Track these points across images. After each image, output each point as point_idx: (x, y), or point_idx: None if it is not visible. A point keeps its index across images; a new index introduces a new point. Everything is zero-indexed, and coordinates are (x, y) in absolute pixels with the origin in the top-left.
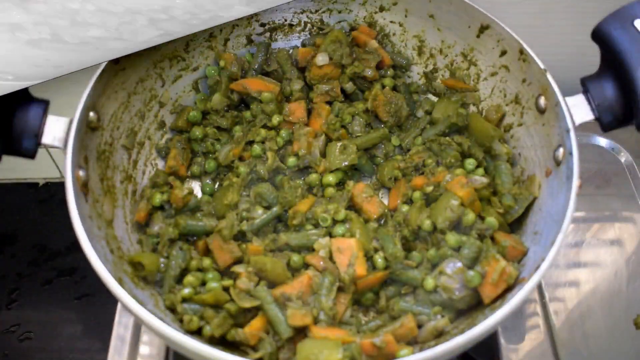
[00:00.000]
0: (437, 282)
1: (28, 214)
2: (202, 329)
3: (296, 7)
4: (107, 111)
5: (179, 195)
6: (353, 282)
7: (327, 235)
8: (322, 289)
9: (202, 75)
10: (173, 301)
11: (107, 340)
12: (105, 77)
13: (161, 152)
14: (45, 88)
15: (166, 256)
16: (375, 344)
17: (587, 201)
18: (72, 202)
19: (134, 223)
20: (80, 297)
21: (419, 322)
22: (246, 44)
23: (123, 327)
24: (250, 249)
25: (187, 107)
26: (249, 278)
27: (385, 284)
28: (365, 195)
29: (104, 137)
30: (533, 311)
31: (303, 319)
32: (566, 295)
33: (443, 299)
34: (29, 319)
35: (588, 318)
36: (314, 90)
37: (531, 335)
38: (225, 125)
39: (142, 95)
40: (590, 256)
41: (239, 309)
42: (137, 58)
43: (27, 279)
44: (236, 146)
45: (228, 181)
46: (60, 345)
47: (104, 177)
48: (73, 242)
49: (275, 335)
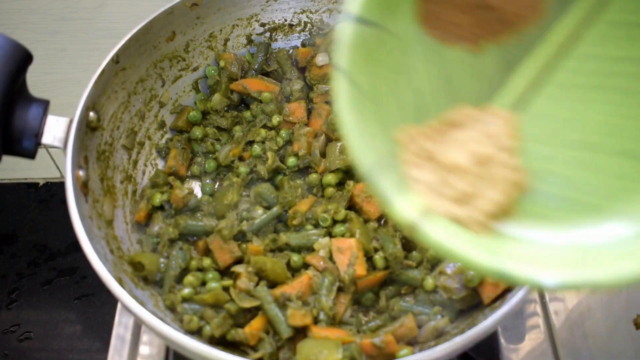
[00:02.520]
0: (437, 282)
1: (28, 214)
2: (202, 329)
3: (296, 7)
4: (107, 111)
5: (179, 195)
6: (353, 282)
7: (327, 235)
8: (322, 289)
9: (202, 75)
10: (173, 301)
11: (107, 340)
12: (105, 77)
13: (161, 152)
14: (45, 88)
15: (166, 256)
16: (375, 344)
17: None
18: (72, 202)
19: (134, 223)
20: (80, 297)
21: (419, 322)
22: (246, 44)
23: (123, 327)
24: (250, 249)
25: (187, 107)
26: (249, 278)
27: (385, 284)
28: (365, 195)
29: (104, 137)
30: (533, 311)
31: (303, 319)
32: (566, 295)
33: (443, 299)
34: (29, 319)
35: (588, 318)
36: (314, 90)
37: (531, 335)
38: (225, 125)
39: (142, 95)
40: None
41: (239, 309)
42: (137, 58)
43: (27, 279)
44: (236, 146)
45: (228, 181)
46: (60, 345)
47: (104, 177)
48: (73, 242)
49: (275, 335)
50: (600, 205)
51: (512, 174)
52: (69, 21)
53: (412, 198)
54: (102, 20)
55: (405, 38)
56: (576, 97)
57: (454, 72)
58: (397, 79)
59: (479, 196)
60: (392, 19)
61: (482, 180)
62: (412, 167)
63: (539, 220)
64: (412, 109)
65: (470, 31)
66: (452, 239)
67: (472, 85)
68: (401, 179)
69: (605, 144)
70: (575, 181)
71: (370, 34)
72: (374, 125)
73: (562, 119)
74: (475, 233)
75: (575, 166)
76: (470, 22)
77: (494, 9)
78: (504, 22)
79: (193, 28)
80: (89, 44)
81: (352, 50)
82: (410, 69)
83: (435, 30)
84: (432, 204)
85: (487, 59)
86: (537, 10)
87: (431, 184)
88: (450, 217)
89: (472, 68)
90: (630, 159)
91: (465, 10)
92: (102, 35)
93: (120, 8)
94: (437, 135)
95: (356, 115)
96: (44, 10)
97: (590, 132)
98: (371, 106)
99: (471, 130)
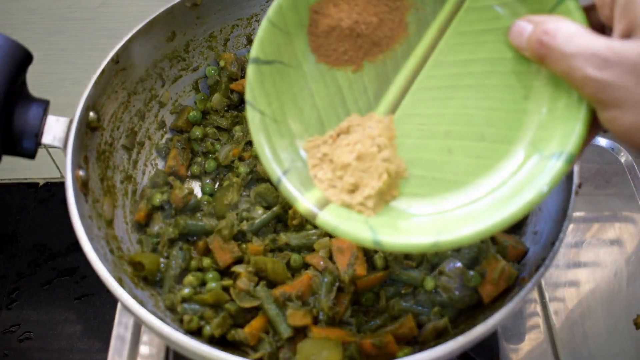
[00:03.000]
0: (437, 282)
1: (28, 214)
2: (202, 329)
3: None
4: (107, 111)
5: (179, 195)
6: (353, 282)
7: (327, 235)
8: (322, 289)
9: (202, 75)
10: (173, 301)
11: (107, 340)
12: (105, 77)
13: (161, 152)
14: (45, 88)
15: (166, 256)
16: (375, 344)
17: (587, 201)
18: (72, 202)
19: (134, 223)
20: (80, 297)
21: (419, 322)
22: (246, 44)
23: (123, 327)
24: (250, 249)
25: (187, 107)
26: (249, 278)
27: (385, 284)
28: None
29: (104, 137)
30: (533, 311)
31: (303, 319)
32: (566, 295)
33: (443, 299)
34: (29, 319)
35: (588, 318)
36: None
37: (531, 335)
38: (225, 125)
39: (142, 95)
40: (590, 256)
41: (239, 309)
42: (137, 58)
43: (27, 279)
44: (236, 146)
45: (228, 181)
46: (60, 345)
47: (104, 177)
48: (73, 242)
49: (275, 335)
50: (458, 180)
51: (384, 164)
52: (69, 21)
53: (314, 193)
54: (102, 20)
55: (303, 67)
56: (437, 96)
57: (345, 89)
58: (300, 101)
59: (364, 185)
60: (289, 54)
61: (365, 172)
62: (316, 169)
63: (415, 198)
64: (315, 123)
65: (352, 55)
66: (342, 221)
67: (360, 98)
68: (307, 179)
69: (462, 131)
70: (439, 163)
71: (271, 70)
72: (283, 141)
73: (427, 115)
74: (362, 214)
75: (439, 152)
76: (350, 48)
77: (365, 35)
78: (376, 45)
79: (193, 28)
80: (89, 44)
81: (255, 86)
82: (310, 91)
83: (326, 57)
84: (329, 196)
85: (369, 76)
86: (402, 32)
87: (329, 180)
88: (343, 204)
89: (358, 84)
90: (482, 141)
91: (344, 40)
92: (102, 35)
93: (120, 8)
94: (333, 141)
95: (265, 136)
96: (44, 10)
97: (450, 123)
98: (278, 127)
99: (357, 134)
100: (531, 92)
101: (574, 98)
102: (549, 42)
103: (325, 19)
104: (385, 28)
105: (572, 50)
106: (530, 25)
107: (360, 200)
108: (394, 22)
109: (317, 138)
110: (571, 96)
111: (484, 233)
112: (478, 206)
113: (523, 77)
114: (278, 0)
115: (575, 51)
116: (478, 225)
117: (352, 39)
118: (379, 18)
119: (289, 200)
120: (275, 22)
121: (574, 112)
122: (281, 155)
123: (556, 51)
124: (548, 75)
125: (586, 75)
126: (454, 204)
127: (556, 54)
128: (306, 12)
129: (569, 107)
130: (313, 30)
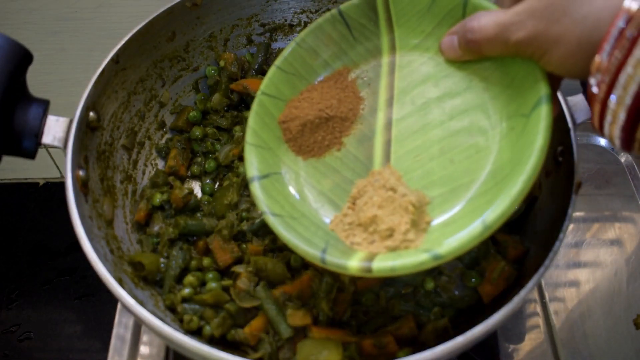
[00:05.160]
0: (437, 282)
1: (28, 214)
2: (202, 329)
3: (296, 7)
4: (107, 111)
5: (179, 195)
6: (353, 282)
7: None
8: (322, 289)
9: (202, 75)
10: (173, 301)
11: (107, 340)
12: (105, 77)
13: (161, 152)
14: (45, 88)
15: (166, 256)
16: (375, 344)
17: (587, 201)
18: (72, 202)
19: (134, 223)
20: (80, 297)
21: (419, 322)
22: (246, 44)
23: (123, 327)
24: (250, 249)
25: (187, 107)
26: (249, 278)
27: (385, 284)
28: None
29: (104, 137)
30: (533, 311)
31: (303, 319)
32: (566, 295)
33: (443, 299)
34: (29, 319)
35: (588, 318)
36: None
37: (531, 335)
38: (225, 125)
39: (142, 95)
40: (590, 256)
41: (239, 309)
42: (137, 58)
43: (27, 279)
44: (236, 146)
45: (228, 181)
46: (60, 345)
47: (104, 177)
48: (73, 242)
49: (275, 335)
50: (474, 178)
51: (405, 199)
52: (69, 21)
53: (358, 255)
54: (102, 20)
55: (294, 169)
56: (416, 128)
57: (339, 167)
58: (306, 194)
59: (397, 224)
60: (279, 164)
61: (392, 214)
62: (350, 238)
63: (448, 212)
64: (329, 206)
65: (330, 138)
66: (396, 259)
67: (355, 166)
68: (347, 249)
69: (452, 140)
70: (449, 175)
71: (270, 181)
72: (309, 230)
73: (417, 147)
74: (410, 249)
75: (444, 167)
76: (325, 133)
77: (332, 116)
78: (345, 119)
79: (193, 28)
80: (89, 44)
81: (264, 198)
82: (311, 184)
83: (310, 153)
84: (373, 250)
85: (353, 146)
86: (360, 100)
87: (365, 240)
88: (389, 249)
89: (348, 157)
90: (472, 137)
91: (317, 129)
92: (102, 35)
93: (120, 8)
94: (353, 210)
95: (291, 232)
96: (44, 10)
97: (439, 141)
98: (298, 221)
99: (369, 192)
100: (488, 83)
101: (523, 67)
102: (475, 38)
103: (294, 122)
104: (346, 103)
105: (494, 31)
106: (454, 37)
107: (401, 238)
108: (350, 95)
109: (336, 216)
110: (520, 68)
111: (518, 197)
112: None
113: (474, 76)
114: (250, 126)
115: (497, 31)
116: (503, 201)
117: (323, 124)
118: (337, 99)
119: (339, 271)
120: (254, 143)
121: (530, 74)
122: (313, 240)
123: (484, 40)
124: (494, 61)
125: (513, 42)
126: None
127: (486, 42)
128: (277, 126)
129: (525, 77)
130: (289, 137)
